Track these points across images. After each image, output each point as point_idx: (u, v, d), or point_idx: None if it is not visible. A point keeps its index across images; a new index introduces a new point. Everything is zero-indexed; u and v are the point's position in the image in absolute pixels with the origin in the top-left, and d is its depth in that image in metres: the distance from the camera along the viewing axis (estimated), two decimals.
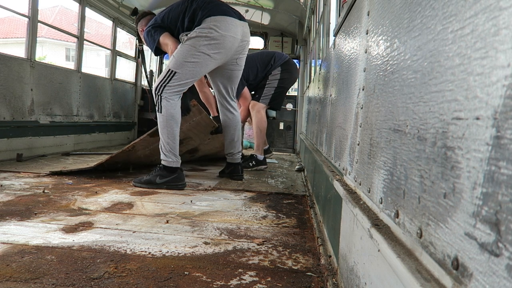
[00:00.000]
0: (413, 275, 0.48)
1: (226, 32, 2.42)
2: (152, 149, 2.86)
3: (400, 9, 0.71)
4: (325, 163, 1.68)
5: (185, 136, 2.89)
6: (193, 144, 3.15)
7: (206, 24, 2.39)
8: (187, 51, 2.39)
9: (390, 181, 0.69)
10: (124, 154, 2.72)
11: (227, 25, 2.42)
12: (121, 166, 2.93)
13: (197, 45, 2.38)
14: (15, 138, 3.30)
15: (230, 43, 2.47)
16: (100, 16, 4.73)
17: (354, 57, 1.21)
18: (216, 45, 2.41)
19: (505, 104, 0.34)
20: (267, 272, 1.17)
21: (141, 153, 2.84)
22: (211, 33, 2.38)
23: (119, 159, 2.76)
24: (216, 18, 2.40)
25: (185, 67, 2.39)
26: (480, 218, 0.37)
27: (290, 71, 3.75)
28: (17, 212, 1.66)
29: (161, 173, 2.42)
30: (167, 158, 2.43)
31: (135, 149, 2.73)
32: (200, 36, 2.38)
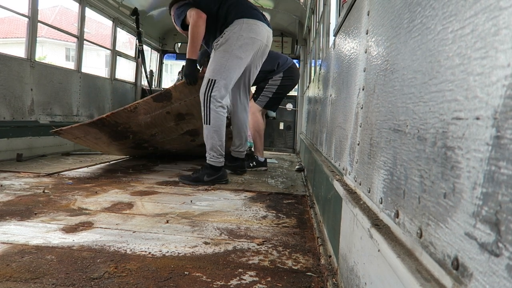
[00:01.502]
0: (413, 275, 0.48)
1: (255, 36, 2.59)
2: (153, 117, 2.83)
3: (400, 9, 0.71)
4: (325, 163, 1.68)
5: (187, 110, 2.87)
6: (195, 124, 3.11)
7: (238, 26, 2.55)
8: (221, 57, 2.55)
9: (390, 181, 0.69)
10: (125, 114, 2.70)
11: (257, 29, 2.60)
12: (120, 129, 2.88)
13: (230, 49, 2.54)
14: (15, 138, 3.30)
15: (258, 46, 2.65)
16: (100, 16, 4.73)
17: (354, 57, 1.21)
18: (246, 47, 2.58)
19: (505, 104, 0.34)
20: (267, 272, 1.17)
21: (142, 119, 2.80)
22: (241, 35, 2.54)
23: (120, 119, 2.72)
24: (248, 21, 2.57)
25: (223, 73, 2.55)
26: (480, 218, 0.37)
27: (292, 78, 3.70)
28: (17, 212, 1.66)
29: (208, 172, 2.60)
30: (214, 159, 2.61)
31: (137, 111, 2.70)
32: (232, 39, 2.54)
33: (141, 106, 2.69)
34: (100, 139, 3.01)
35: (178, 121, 3.02)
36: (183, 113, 2.91)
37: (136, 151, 3.65)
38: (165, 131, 3.14)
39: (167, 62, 9.64)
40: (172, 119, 2.96)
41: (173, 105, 2.79)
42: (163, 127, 3.06)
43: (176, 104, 2.78)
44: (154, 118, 2.86)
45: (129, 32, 5.38)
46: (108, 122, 2.73)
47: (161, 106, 2.75)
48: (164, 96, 2.68)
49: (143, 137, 3.15)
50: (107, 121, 2.71)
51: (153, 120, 2.89)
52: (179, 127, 3.14)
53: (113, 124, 2.79)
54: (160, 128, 3.06)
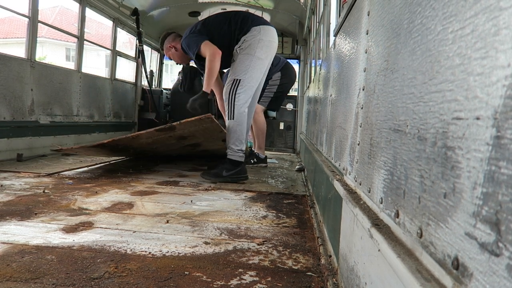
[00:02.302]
0: (413, 275, 0.48)
1: (271, 39, 2.85)
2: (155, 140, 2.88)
3: (400, 10, 0.72)
4: (325, 163, 1.68)
5: (190, 134, 2.91)
6: (197, 140, 3.18)
7: (256, 32, 2.79)
8: (246, 59, 2.76)
9: (390, 181, 0.69)
10: (127, 140, 2.75)
11: (272, 33, 2.87)
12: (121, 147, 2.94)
13: (252, 52, 2.76)
14: (15, 138, 3.30)
15: (274, 49, 2.91)
16: (100, 16, 4.73)
17: (354, 57, 1.21)
18: (266, 50, 2.81)
19: (505, 104, 0.35)
20: (267, 272, 1.17)
21: (144, 141, 2.87)
22: (262, 39, 2.78)
23: (120, 142, 2.78)
24: (264, 28, 2.83)
25: (248, 73, 2.76)
26: (480, 218, 0.37)
27: (290, 76, 3.85)
28: (17, 212, 1.66)
29: (227, 167, 2.72)
30: (234, 154, 2.74)
31: (138, 138, 2.76)
32: (254, 43, 2.76)
33: (144, 135, 2.73)
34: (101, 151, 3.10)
35: (179, 140, 3.06)
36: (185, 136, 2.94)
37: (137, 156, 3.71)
38: (166, 145, 3.19)
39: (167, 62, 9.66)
40: (174, 139, 3.01)
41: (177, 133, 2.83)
42: (164, 143, 3.10)
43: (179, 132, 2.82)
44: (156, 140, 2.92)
45: (129, 32, 5.38)
46: (109, 145, 2.78)
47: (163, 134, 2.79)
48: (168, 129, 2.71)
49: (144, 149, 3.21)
50: (108, 145, 2.76)
51: (154, 141, 2.94)
52: (180, 143, 3.18)
53: (113, 146, 2.85)
54: (161, 144, 3.11)
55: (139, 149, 3.15)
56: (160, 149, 3.32)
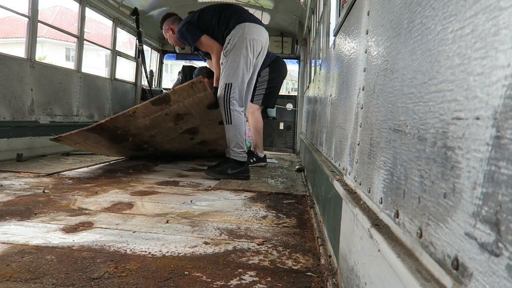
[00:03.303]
0: (413, 275, 0.48)
1: (257, 37, 2.85)
2: (152, 120, 2.86)
3: (400, 9, 0.71)
4: (325, 163, 1.68)
5: (186, 111, 2.90)
6: (194, 123, 3.16)
7: (241, 30, 2.80)
8: (233, 62, 2.80)
9: (390, 181, 0.69)
10: (124, 118, 2.72)
11: (258, 31, 2.87)
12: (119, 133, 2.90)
13: (238, 53, 2.79)
14: (15, 138, 3.30)
15: (260, 47, 2.91)
16: (100, 16, 4.73)
17: (354, 57, 1.21)
18: (252, 48, 2.83)
19: (505, 104, 0.34)
20: (267, 272, 1.17)
21: (141, 122, 2.84)
22: (246, 38, 2.79)
23: (119, 123, 2.75)
24: (249, 25, 2.83)
25: (238, 76, 2.81)
26: (480, 218, 0.37)
27: (279, 70, 3.85)
28: (17, 212, 1.66)
29: (232, 165, 2.86)
30: (238, 155, 2.85)
31: (135, 115, 2.73)
32: (238, 43, 2.78)
33: (140, 110, 2.72)
34: (100, 143, 3.03)
35: (176, 121, 3.03)
36: (181, 113, 2.93)
37: (136, 153, 3.66)
38: (164, 131, 3.15)
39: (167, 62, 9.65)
40: (171, 119, 2.98)
41: (172, 107, 2.81)
42: (162, 128, 3.08)
43: (175, 106, 2.81)
44: (153, 120, 2.89)
45: (129, 32, 5.38)
46: (107, 127, 2.75)
47: (159, 109, 2.78)
48: (163, 100, 2.71)
49: (143, 138, 3.16)
50: (106, 126, 2.73)
51: (152, 123, 2.91)
52: (178, 127, 3.15)
53: (112, 129, 2.81)
54: (159, 129, 3.08)
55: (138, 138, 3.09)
56: (158, 139, 3.27)
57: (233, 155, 2.85)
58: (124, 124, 2.80)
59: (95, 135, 2.84)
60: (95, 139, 2.92)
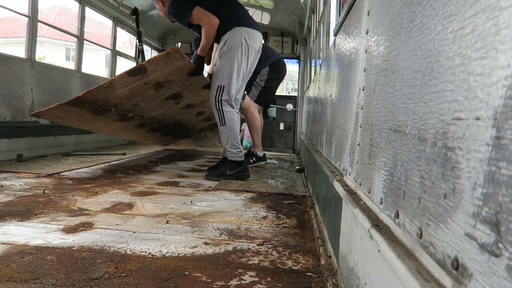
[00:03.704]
0: (413, 276, 0.48)
1: (253, 44, 2.86)
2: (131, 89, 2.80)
3: (400, 9, 0.71)
4: (325, 164, 1.68)
5: (166, 79, 2.86)
6: (176, 89, 3.11)
7: (239, 34, 2.80)
8: (227, 64, 2.81)
9: (390, 181, 0.69)
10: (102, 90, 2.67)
11: (255, 38, 2.87)
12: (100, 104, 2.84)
13: (234, 57, 2.80)
14: (15, 139, 3.30)
15: (255, 54, 2.93)
16: (100, 15, 4.73)
17: (354, 57, 1.21)
18: (247, 54, 2.85)
19: (505, 104, 0.34)
20: (267, 272, 1.16)
21: (121, 92, 2.79)
22: (242, 43, 2.81)
23: (97, 95, 2.70)
24: (247, 30, 2.83)
25: (231, 79, 2.81)
26: (480, 218, 0.37)
27: (279, 71, 3.82)
28: (17, 213, 1.66)
29: (230, 166, 2.87)
30: (234, 155, 2.87)
31: (113, 86, 2.67)
32: (234, 47, 2.80)
33: (117, 82, 2.64)
34: (83, 116, 2.96)
35: (157, 88, 2.97)
36: (161, 81, 2.86)
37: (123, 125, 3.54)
38: (147, 99, 3.10)
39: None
40: (151, 87, 2.92)
41: (150, 76, 2.74)
42: (143, 96, 3.02)
43: (153, 75, 2.74)
44: (133, 90, 2.82)
45: (129, 32, 5.38)
46: (86, 99, 2.68)
47: (137, 79, 2.70)
48: (139, 70, 2.63)
49: (125, 107, 3.09)
50: (84, 98, 2.66)
51: (132, 92, 2.85)
52: (160, 93, 3.09)
53: (91, 101, 2.74)
54: (140, 97, 3.03)
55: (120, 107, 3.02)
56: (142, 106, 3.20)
57: (230, 156, 2.88)
58: (103, 95, 2.74)
59: (75, 108, 2.78)
60: (77, 113, 2.86)
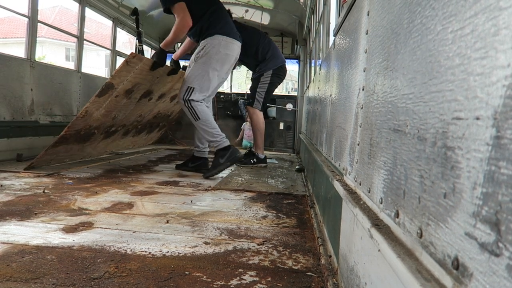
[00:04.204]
0: (413, 275, 0.48)
1: (231, 53, 2.96)
2: (106, 107, 2.85)
3: (400, 10, 0.72)
4: (325, 163, 1.68)
5: (133, 84, 2.90)
6: (145, 88, 3.16)
7: (218, 41, 2.87)
8: (200, 68, 2.88)
9: (390, 181, 0.69)
10: (81, 121, 2.72)
11: (233, 47, 2.97)
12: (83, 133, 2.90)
13: (208, 62, 2.87)
14: (15, 138, 3.30)
15: (232, 62, 3.02)
16: (100, 16, 4.73)
17: (354, 57, 1.21)
18: (222, 62, 2.93)
19: (505, 104, 0.35)
20: (268, 272, 1.17)
21: (97, 114, 2.84)
22: (220, 51, 2.88)
23: (77, 126, 2.75)
24: (227, 39, 2.92)
25: (202, 83, 2.89)
26: (480, 218, 0.37)
27: (281, 76, 3.93)
28: (17, 212, 1.66)
29: (220, 154, 2.93)
30: (218, 143, 2.93)
31: (89, 113, 2.72)
32: (211, 53, 2.87)
33: (91, 107, 2.70)
34: (72, 150, 3.04)
35: (128, 95, 3.02)
36: (129, 88, 2.92)
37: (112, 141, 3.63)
38: (122, 109, 3.16)
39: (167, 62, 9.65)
40: (122, 97, 2.98)
41: (119, 88, 2.80)
42: (118, 108, 3.08)
43: (120, 86, 2.79)
44: (107, 107, 2.88)
45: (129, 32, 5.38)
46: (69, 135, 2.75)
47: (108, 97, 2.77)
48: (107, 88, 2.68)
49: (106, 124, 3.16)
50: (68, 135, 2.73)
51: (107, 109, 2.91)
52: (132, 98, 3.15)
53: (74, 134, 2.81)
54: (116, 110, 3.09)
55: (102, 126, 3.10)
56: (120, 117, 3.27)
57: (216, 146, 2.94)
58: (83, 125, 2.81)
59: (63, 146, 2.86)
60: (64, 149, 2.94)
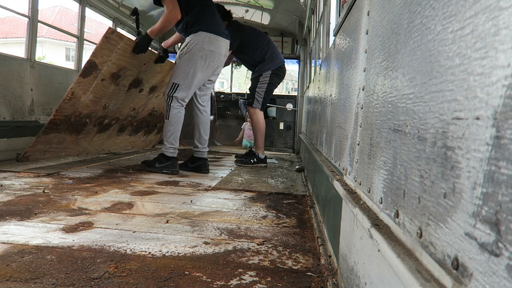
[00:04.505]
0: (413, 275, 0.48)
1: (215, 49, 2.96)
2: (94, 92, 2.83)
3: (400, 9, 0.71)
4: (325, 163, 1.68)
5: (118, 67, 2.88)
6: (132, 74, 3.15)
7: (202, 38, 2.89)
8: (185, 65, 2.91)
9: (390, 181, 0.69)
10: (68, 104, 2.69)
11: (218, 44, 2.98)
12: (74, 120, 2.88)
13: (192, 59, 2.90)
14: (15, 138, 3.30)
15: (217, 59, 3.03)
16: (100, 16, 4.73)
17: (354, 57, 1.21)
18: (206, 58, 2.94)
19: (505, 104, 0.34)
20: (267, 272, 1.17)
21: (85, 99, 2.82)
22: (204, 48, 2.90)
23: (66, 111, 2.72)
24: (211, 36, 2.93)
25: (185, 79, 2.92)
26: (480, 218, 0.37)
27: (280, 76, 3.94)
28: (17, 212, 1.66)
29: (160, 159, 3.00)
30: (167, 149, 2.97)
31: (75, 95, 2.70)
32: (194, 50, 2.89)
33: (76, 89, 2.67)
34: (65, 141, 3.02)
35: (116, 81, 3.01)
36: (115, 71, 2.90)
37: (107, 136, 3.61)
38: (112, 97, 3.15)
39: None
40: (110, 82, 2.96)
41: (103, 70, 2.77)
42: (108, 95, 3.06)
43: (105, 68, 2.77)
44: (95, 92, 2.86)
45: (129, 32, 5.38)
46: (58, 119, 2.72)
47: (93, 78, 2.74)
48: (89, 67, 2.65)
49: (98, 114, 3.14)
50: (56, 119, 2.70)
51: (95, 94, 2.89)
52: (121, 85, 3.13)
53: (64, 120, 2.78)
54: (106, 98, 3.07)
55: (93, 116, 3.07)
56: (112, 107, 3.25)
57: (163, 149, 2.99)
58: (71, 109, 2.77)
59: (54, 134, 2.82)
60: (57, 139, 2.91)
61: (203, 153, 3.23)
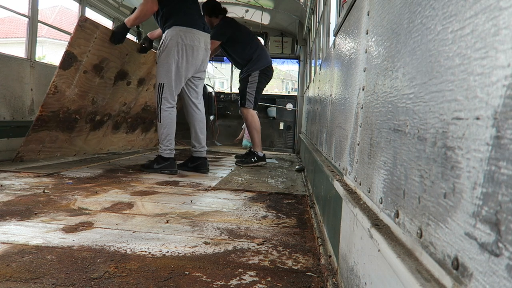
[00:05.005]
0: (413, 275, 0.48)
1: (192, 43, 2.96)
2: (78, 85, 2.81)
3: (400, 9, 0.71)
4: (325, 163, 1.68)
5: (99, 59, 2.86)
6: (116, 66, 3.13)
7: (176, 33, 2.90)
8: (165, 63, 2.94)
9: (390, 181, 0.69)
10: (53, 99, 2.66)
11: (193, 36, 2.96)
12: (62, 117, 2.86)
13: (171, 55, 2.92)
14: (15, 138, 3.30)
15: (197, 52, 3.01)
16: (100, 16, 4.73)
17: (354, 57, 1.21)
18: (183, 52, 2.95)
19: (505, 104, 0.34)
20: (267, 272, 1.17)
21: (70, 93, 2.79)
22: (179, 42, 2.91)
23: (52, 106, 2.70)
24: (184, 29, 2.93)
25: (168, 76, 2.95)
26: (480, 218, 0.37)
27: (268, 75, 3.99)
28: (17, 212, 1.66)
29: (158, 160, 3.05)
30: (164, 151, 3.02)
31: (60, 90, 2.67)
32: (170, 46, 2.91)
33: (59, 82, 2.64)
34: (58, 139, 3.01)
35: (99, 73, 2.99)
36: (96, 63, 2.88)
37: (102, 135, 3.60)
38: (99, 90, 3.13)
39: None
40: (93, 75, 2.94)
41: (84, 61, 2.74)
42: (94, 89, 3.05)
43: (85, 59, 2.74)
44: (80, 86, 2.84)
45: (129, 32, 5.38)
46: (46, 116, 2.70)
47: (75, 70, 2.71)
48: (68, 58, 2.62)
49: (88, 109, 3.12)
50: (44, 115, 2.68)
51: (80, 88, 2.87)
52: (106, 77, 3.11)
53: (52, 116, 2.76)
54: (93, 91, 3.05)
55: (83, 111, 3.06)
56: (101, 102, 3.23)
57: (160, 151, 3.03)
58: (57, 105, 2.75)
59: (45, 132, 2.81)
60: (49, 138, 2.89)
61: (202, 152, 3.23)
